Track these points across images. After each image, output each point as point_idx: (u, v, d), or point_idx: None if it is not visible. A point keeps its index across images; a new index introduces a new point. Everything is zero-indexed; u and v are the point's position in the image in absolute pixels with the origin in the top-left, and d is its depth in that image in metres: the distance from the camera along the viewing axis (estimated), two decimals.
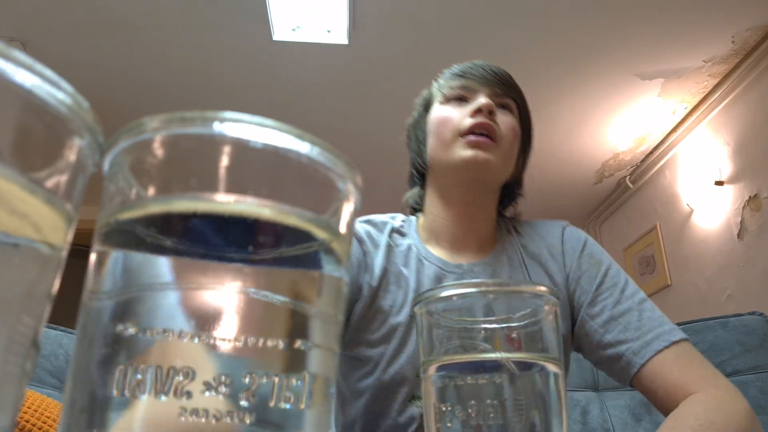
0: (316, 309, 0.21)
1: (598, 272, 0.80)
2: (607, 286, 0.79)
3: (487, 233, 0.87)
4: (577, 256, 0.83)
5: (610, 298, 0.77)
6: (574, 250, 0.84)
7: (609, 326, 0.75)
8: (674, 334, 0.72)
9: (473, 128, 0.78)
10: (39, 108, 0.17)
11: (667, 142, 3.17)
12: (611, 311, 0.76)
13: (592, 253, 0.84)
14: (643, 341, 0.72)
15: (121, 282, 0.19)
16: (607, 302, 0.77)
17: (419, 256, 0.84)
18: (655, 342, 0.71)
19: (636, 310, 0.75)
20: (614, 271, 0.81)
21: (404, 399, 0.76)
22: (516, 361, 0.32)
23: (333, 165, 0.22)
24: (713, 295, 2.80)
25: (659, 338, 0.71)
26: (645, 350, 0.71)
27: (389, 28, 2.38)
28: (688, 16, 2.29)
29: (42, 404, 0.82)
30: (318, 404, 0.20)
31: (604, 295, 0.78)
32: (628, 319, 0.74)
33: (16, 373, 0.17)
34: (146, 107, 2.85)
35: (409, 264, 0.83)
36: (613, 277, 0.80)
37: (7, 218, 0.16)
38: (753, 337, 1.20)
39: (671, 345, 0.70)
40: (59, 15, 2.30)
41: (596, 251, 0.84)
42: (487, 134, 0.79)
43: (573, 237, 0.86)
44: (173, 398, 0.18)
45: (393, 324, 0.78)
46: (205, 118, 0.20)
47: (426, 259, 0.83)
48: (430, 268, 0.82)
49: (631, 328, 0.73)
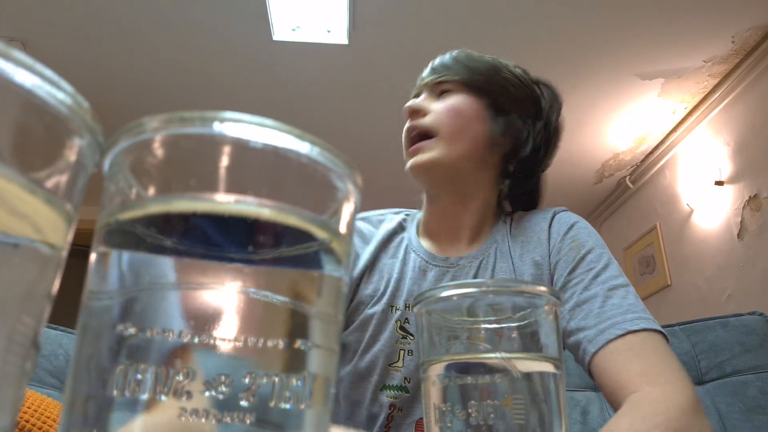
0: (316, 309, 0.21)
1: (576, 256, 0.75)
2: (581, 271, 0.73)
3: (477, 225, 0.85)
4: (560, 239, 0.79)
5: (580, 284, 0.72)
6: (559, 233, 0.79)
7: (573, 312, 0.70)
8: (635, 324, 0.64)
9: (410, 138, 0.81)
10: (39, 108, 0.17)
11: (667, 142, 3.17)
12: (578, 297, 0.71)
13: (576, 236, 0.78)
14: (598, 329, 0.66)
15: (121, 282, 0.19)
16: (576, 288, 0.72)
17: (408, 249, 0.85)
18: (609, 330, 0.65)
19: (601, 296, 0.69)
20: (594, 255, 0.75)
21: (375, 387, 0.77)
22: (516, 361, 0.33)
23: (333, 165, 0.22)
24: (713, 295, 2.80)
25: (615, 326, 0.65)
26: (598, 338, 0.65)
27: (389, 28, 2.38)
28: (688, 16, 2.29)
29: (42, 404, 0.82)
30: (318, 404, 0.20)
31: (576, 280, 0.73)
32: (590, 306, 0.69)
33: (16, 373, 0.17)
34: (146, 107, 2.85)
35: (397, 255, 0.85)
36: (591, 261, 0.74)
37: (7, 218, 0.16)
38: (753, 337, 1.20)
39: (626, 334, 0.64)
40: (59, 15, 2.30)
41: (581, 235, 0.78)
42: (418, 136, 0.80)
43: (561, 221, 0.81)
44: (173, 398, 0.18)
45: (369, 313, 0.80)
46: (205, 118, 0.20)
47: (414, 252, 0.84)
48: (415, 260, 0.83)
49: (592, 315, 0.68)
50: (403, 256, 0.84)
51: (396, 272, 0.83)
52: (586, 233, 0.79)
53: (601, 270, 0.73)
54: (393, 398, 0.77)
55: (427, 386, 0.36)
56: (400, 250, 0.85)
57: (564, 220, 0.82)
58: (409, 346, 0.79)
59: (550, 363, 0.34)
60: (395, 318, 0.80)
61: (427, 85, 0.83)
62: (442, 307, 0.36)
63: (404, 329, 0.80)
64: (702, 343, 1.21)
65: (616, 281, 0.71)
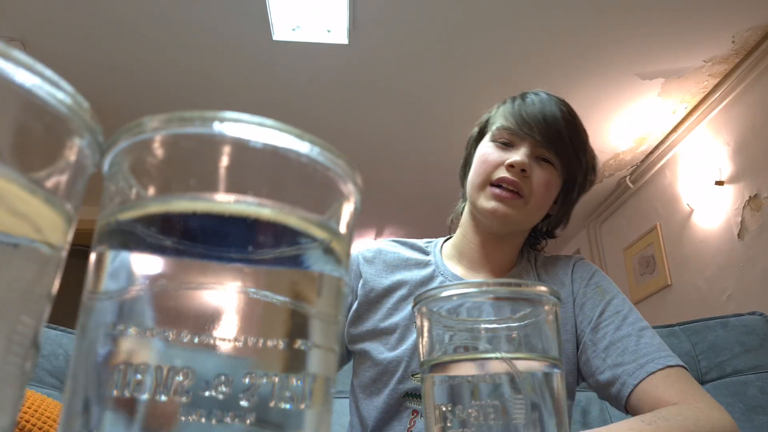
0: (316, 309, 0.21)
1: (602, 300, 0.84)
2: (610, 314, 0.82)
3: (507, 260, 0.92)
4: (584, 284, 0.87)
5: (611, 325, 0.80)
6: (582, 279, 0.88)
7: (609, 350, 0.78)
8: (670, 360, 0.74)
9: (500, 181, 0.83)
10: (39, 108, 0.17)
11: (667, 142, 3.17)
12: (612, 336, 0.79)
13: (599, 283, 0.87)
14: (638, 364, 0.74)
15: (121, 282, 0.19)
16: (608, 328, 0.80)
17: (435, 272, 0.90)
18: (650, 365, 0.73)
19: (635, 336, 0.78)
20: (619, 300, 0.84)
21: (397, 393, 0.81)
22: (516, 361, 0.32)
23: (333, 165, 0.21)
24: (713, 295, 2.80)
25: (654, 361, 0.74)
26: (639, 372, 0.73)
27: (389, 28, 2.38)
28: (688, 16, 2.29)
29: (42, 404, 0.82)
30: (318, 404, 0.20)
31: (606, 321, 0.81)
32: (626, 344, 0.77)
33: (16, 373, 0.17)
34: (146, 107, 2.85)
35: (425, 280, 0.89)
36: (617, 305, 0.83)
37: (7, 218, 0.16)
38: (753, 337, 1.20)
39: (665, 368, 0.73)
40: (59, 15, 2.30)
41: (604, 282, 0.88)
42: (515, 189, 0.83)
43: (582, 268, 0.90)
44: (173, 398, 0.18)
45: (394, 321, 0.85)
46: (205, 117, 0.20)
47: (442, 275, 0.90)
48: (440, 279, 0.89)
49: (629, 352, 0.76)
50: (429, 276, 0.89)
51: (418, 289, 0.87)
52: (607, 281, 0.88)
53: (627, 313, 0.82)
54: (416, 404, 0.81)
55: (427, 386, 0.36)
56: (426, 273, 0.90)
57: (585, 267, 0.90)
58: None
59: (550, 363, 0.34)
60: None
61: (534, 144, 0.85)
62: (443, 307, 0.36)
63: None
64: (702, 343, 1.21)
65: (643, 323, 0.81)
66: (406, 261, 0.92)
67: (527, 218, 0.86)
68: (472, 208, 0.89)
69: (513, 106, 0.88)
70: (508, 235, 0.90)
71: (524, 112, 0.86)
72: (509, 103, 0.90)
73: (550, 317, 0.34)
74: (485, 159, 0.86)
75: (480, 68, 2.57)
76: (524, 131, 0.84)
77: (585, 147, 0.89)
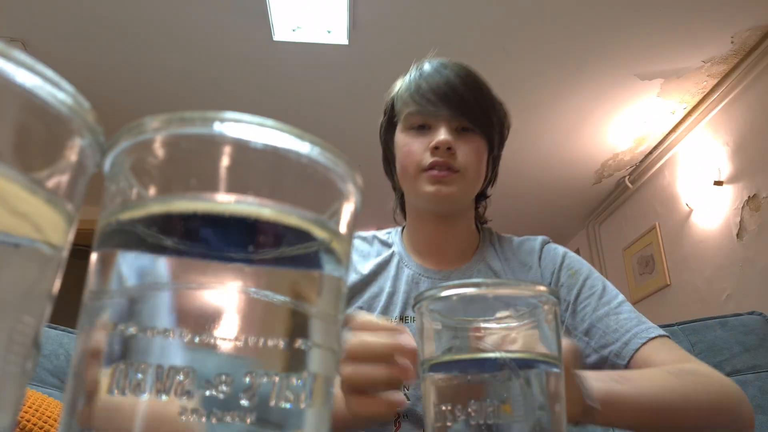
0: (316, 309, 0.21)
1: (576, 283, 0.84)
2: (585, 295, 0.82)
3: (465, 242, 0.91)
4: (556, 269, 0.87)
5: (588, 307, 0.80)
6: (555, 264, 0.87)
7: (591, 333, 0.78)
8: (651, 332, 0.75)
9: (432, 165, 0.82)
10: (40, 108, 0.17)
11: (666, 142, 3.18)
12: (591, 318, 0.79)
13: (570, 265, 0.87)
14: (622, 342, 0.75)
15: (122, 282, 0.20)
16: (586, 311, 0.80)
17: (400, 264, 0.89)
18: (634, 340, 0.74)
19: (614, 314, 0.78)
20: (591, 280, 0.84)
21: None
22: (516, 361, 0.33)
23: (333, 165, 0.22)
24: (712, 295, 2.80)
25: (637, 336, 0.74)
26: (625, 350, 0.74)
27: (389, 28, 2.38)
28: (687, 16, 2.29)
29: (43, 404, 0.82)
30: (318, 404, 0.20)
31: (583, 304, 0.81)
32: (606, 324, 0.77)
33: (17, 373, 0.17)
34: (147, 107, 2.85)
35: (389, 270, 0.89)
36: (591, 286, 0.83)
37: (8, 218, 0.16)
38: (752, 336, 1.20)
39: (648, 341, 0.74)
40: (60, 15, 2.30)
41: (574, 263, 0.87)
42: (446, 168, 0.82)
43: (551, 252, 0.89)
44: (173, 398, 0.18)
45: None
46: (206, 118, 0.20)
47: (407, 266, 0.89)
48: (408, 273, 0.88)
49: (610, 331, 0.76)
50: (395, 272, 0.88)
51: (388, 286, 0.86)
52: (578, 262, 0.88)
53: (602, 291, 0.82)
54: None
55: (427, 386, 0.36)
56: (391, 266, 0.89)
57: (554, 251, 0.90)
58: None
59: (549, 362, 0.34)
60: None
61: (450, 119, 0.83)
62: (442, 307, 0.36)
63: None
64: (701, 343, 1.21)
65: (618, 299, 0.81)
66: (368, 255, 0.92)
67: (469, 190, 0.85)
68: (413, 197, 0.89)
69: (412, 85, 0.86)
70: (457, 213, 0.89)
71: (427, 90, 0.83)
72: (408, 82, 0.88)
73: (549, 317, 0.34)
74: (408, 150, 0.85)
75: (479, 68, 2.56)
76: (433, 110, 0.83)
77: (492, 103, 0.88)
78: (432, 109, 0.83)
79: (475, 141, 0.85)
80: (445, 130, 0.82)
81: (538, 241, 0.92)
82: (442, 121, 0.83)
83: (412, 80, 0.87)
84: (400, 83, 0.91)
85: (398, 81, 0.93)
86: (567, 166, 3.45)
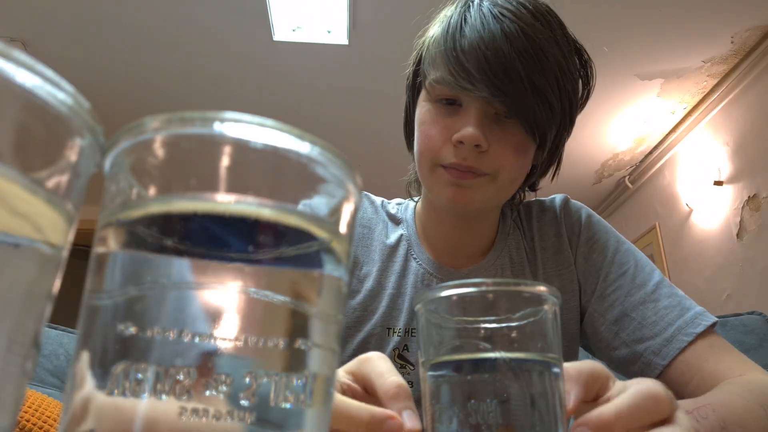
0: (316, 309, 0.21)
1: (604, 260, 0.70)
2: (615, 276, 0.69)
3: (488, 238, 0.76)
4: (576, 241, 0.74)
5: (620, 290, 0.68)
6: (573, 234, 0.74)
7: (622, 323, 0.66)
8: (697, 325, 0.62)
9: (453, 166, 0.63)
10: (40, 108, 0.17)
11: (666, 142, 3.18)
12: (622, 305, 0.67)
13: (593, 237, 0.73)
14: (663, 338, 0.63)
15: (122, 282, 0.20)
16: (617, 294, 0.68)
17: (408, 254, 0.74)
18: (678, 338, 0.62)
19: (651, 302, 0.65)
20: (621, 255, 0.70)
21: None
22: (516, 361, 0.33)
23: (333, 165, 0.22)
24: (712, 295, 2.80)
25: (681, 332, 0.62)
26: (666, 349, 0.62)
27: (389, 28, 2.38)
28: (687, 16, 2.29)
29: (42, 404, 0.82)
30: (318, 404, 0.20)
31: (613, 287, 0.68)
32: (642, 314, 0.65)
33: (17, 373, 0.17)
34: (147, 107, 2.85)
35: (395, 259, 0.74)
36: (622, 264, 0.69)
37: (8, 218, 0.16)
38: (752, 336, 1.20)
39: (696, 339, 0.62)
40: (60, 15, 2.30)
41: (599, 233, 0.73)
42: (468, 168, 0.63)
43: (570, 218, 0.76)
44: (173, 398, 0.18)
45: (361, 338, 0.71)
46: (206, 118, 0.20)
47: (415, 259, 0.74)
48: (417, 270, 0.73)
49: (648, 325, 0.64)
50: (402, 264, 0.73)
51: (392, 286, 0.72)
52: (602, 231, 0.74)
53: (634, 272, 0.69)
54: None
55: (427, 386, 0.36)
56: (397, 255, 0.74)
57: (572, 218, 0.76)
58: (409, 377, 0.68)
59: (550, 362, 0.34)
60: (393, 345, 0.70)
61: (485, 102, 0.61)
62: (442, 307, 0.36)
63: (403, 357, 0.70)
64: None
65: (654, 278, 0.68)
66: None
67: (497, 196, 0.67)
68: (427, 190, 0.71)
69: (447, 41, 0.63)
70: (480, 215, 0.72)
71: (462, 52, 0.61)
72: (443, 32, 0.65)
73: (550, 316, 0.34)
74: (427, 135, 0.65)
75: None
76: (464, 85, 0.60)
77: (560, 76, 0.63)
78: (466, 85, 0.61)
79: (517, 134, 0.64)
80: (476, 118, 0.61)
81: (557, 206, 0.77)
82: (477, 101, 0.62)
83: (450, 32, 0.64)
84: (435, 27, 0.69)
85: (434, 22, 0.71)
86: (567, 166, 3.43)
